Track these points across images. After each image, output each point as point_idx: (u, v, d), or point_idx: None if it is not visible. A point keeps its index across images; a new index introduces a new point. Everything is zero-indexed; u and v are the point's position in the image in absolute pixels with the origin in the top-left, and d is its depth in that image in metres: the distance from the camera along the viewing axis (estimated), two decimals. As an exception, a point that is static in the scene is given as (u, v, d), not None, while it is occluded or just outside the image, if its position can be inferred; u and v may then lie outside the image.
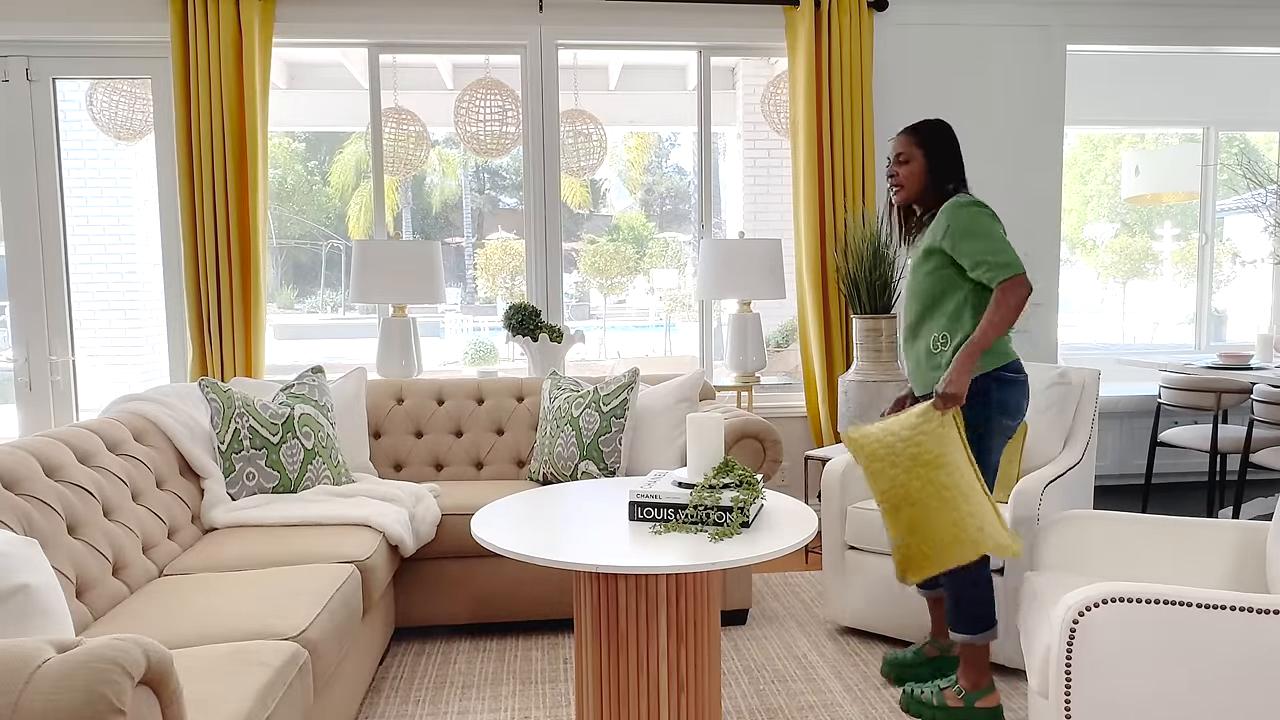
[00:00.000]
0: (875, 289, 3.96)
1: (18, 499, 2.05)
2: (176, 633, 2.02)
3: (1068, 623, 1.79)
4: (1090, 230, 7.82)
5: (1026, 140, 4.56)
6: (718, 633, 2.18)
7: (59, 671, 1.17)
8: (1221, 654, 1.71)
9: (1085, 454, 3.12)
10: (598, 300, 9.35)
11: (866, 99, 4.25)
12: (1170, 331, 7.16)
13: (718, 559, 1.92)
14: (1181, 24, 4.58)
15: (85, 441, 2.49)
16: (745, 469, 2.28)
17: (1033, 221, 4.60)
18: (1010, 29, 4.50)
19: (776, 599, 3.52)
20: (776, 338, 6.81)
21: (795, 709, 2.61)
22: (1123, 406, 5.10)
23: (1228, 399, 4.21)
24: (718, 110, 4.72)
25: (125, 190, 6.34)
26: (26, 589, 1.52)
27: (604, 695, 2.10)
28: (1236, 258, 6.67)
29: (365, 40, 4.20)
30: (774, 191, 7.20)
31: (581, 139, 4.75)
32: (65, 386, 4.19)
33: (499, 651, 3.05)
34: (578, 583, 2.15)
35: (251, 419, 3.10)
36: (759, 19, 4.30)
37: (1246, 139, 6.34)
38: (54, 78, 4.09)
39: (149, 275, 6.34)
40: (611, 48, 4.48)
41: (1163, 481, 5.30)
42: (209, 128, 3.90)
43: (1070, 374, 3.26)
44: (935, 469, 2.23)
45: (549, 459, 3.38)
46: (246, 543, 2.70)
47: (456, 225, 10.24)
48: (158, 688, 1.30)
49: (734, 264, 3.98)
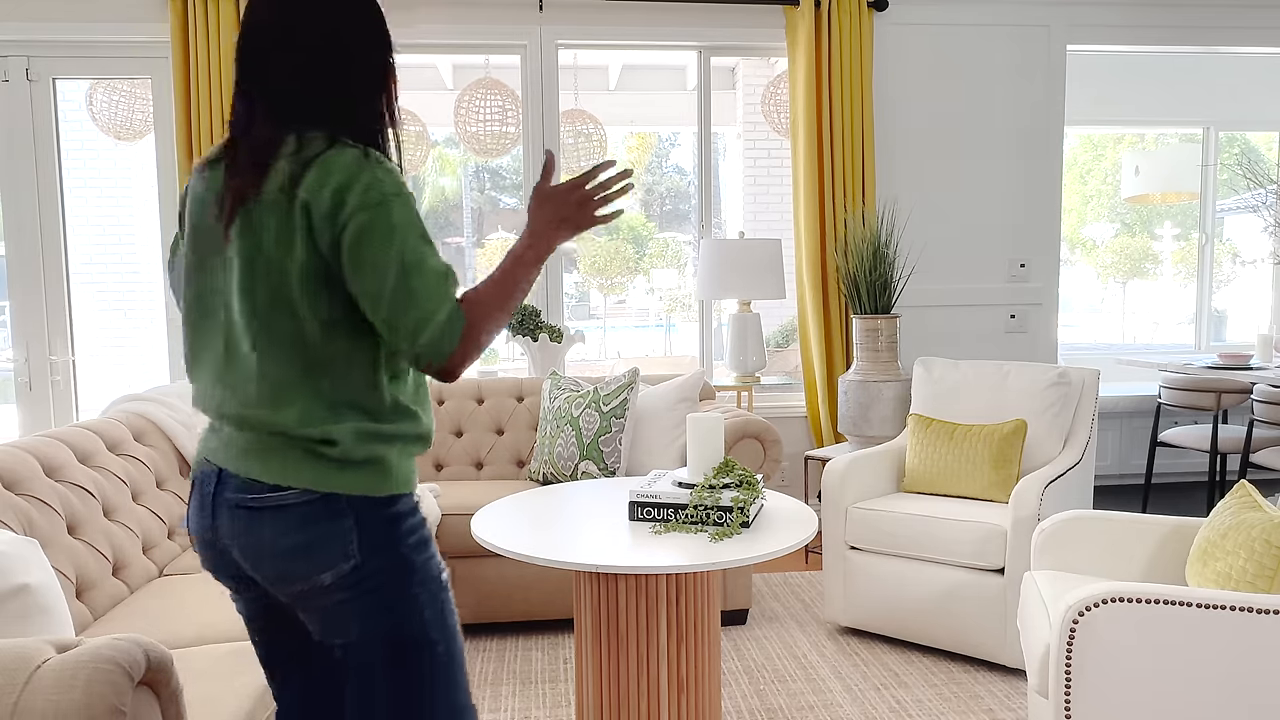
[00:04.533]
0: (875, 289, 3.96)
1: (18, 499, 2.05)
2: (176, 633, 2.02)
3: (1068, 623, 1.79)
4: (1090, 230, 7.82)
5: (1026, 140, 4.56)
6: (718, 633, 2.18)
7: (59, 671, 1.17)
8: (1221, 654, 1.71)
9: (1085, 454, 3.13)
10: (598, 300, 9.34)
11: (866, 99, 4.25)
12: (1170, 331, 7.15)
13: (718, 559, 1.92)
14: (1181, 24, 4.58)
15: (85, 441, 2.49)
16: (745, 469, 2.28)
17: (1033, 221, 4.60)
18: (1010, 29, 4.50)
19: (776, 599, 3.52)
20: (776, 338, 6.81)
21: (795, 709, 2.61)
22: (1123, 406, 5.10)
23: (1228, 399, 4.21)
24: (718, 110, 4.72)
25: (125, 190, 6.34)
26: (26, 589, 1.52)
27: (604, 695, 2.10)
28: (1236, 258, 6.67)
29: (365, 40, 4.19)
30: (774, 191, 7.20)
31: (582, 139, 4.75)
32: (65, 386, 4.19)
33: (499, 651, 3.05)
34: (578, 583, 2.15)
35: (251, 419, 3.10)
36: (759, 19, 4.30)
37: (1246, 139, 6.34)
38: (54, 78, 4.09)
39: (149, 275, 6.34)
40: (611, 48, 4.48)
41: (1163, 481, 5.30)
42: (209, 128, 3.90)
43: (1070, 374, 3.27)
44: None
45: (549, 459, 3.38)
46: (246, 543, 2.69)
47: (456, 225, 10.25)
48: (158, 688, 1.30)
49: (734, 264, 3.98)
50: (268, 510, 1.26)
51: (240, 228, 1.25)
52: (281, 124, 1.28)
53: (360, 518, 1.28)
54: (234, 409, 1.29)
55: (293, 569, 1.27)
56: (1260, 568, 1.84)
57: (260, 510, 1.27)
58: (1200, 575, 1.99)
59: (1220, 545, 1.96)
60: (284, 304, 1.25)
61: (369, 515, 1.29)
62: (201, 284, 1.34)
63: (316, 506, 1.26)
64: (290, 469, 1.26)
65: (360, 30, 1.32)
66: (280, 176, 1.24)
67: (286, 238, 1.23)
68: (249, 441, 1.28)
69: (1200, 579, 1.99)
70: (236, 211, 1.26)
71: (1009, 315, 4.61)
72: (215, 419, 1.33)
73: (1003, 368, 3.34)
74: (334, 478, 1.27)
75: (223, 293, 1.30)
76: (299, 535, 1.26)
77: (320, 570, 1.27)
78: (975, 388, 3.34)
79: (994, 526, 2.79)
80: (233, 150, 1.30)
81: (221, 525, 1.30)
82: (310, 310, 1.25)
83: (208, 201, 1.32)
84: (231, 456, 1.30)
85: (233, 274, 1.27)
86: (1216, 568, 1.94)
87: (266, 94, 1.29)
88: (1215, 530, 2.01)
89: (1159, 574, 2.29)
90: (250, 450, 1.28)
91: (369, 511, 1.29)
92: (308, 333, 1.26)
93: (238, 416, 1.29)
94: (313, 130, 1.28)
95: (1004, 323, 4.62)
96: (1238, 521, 1.95)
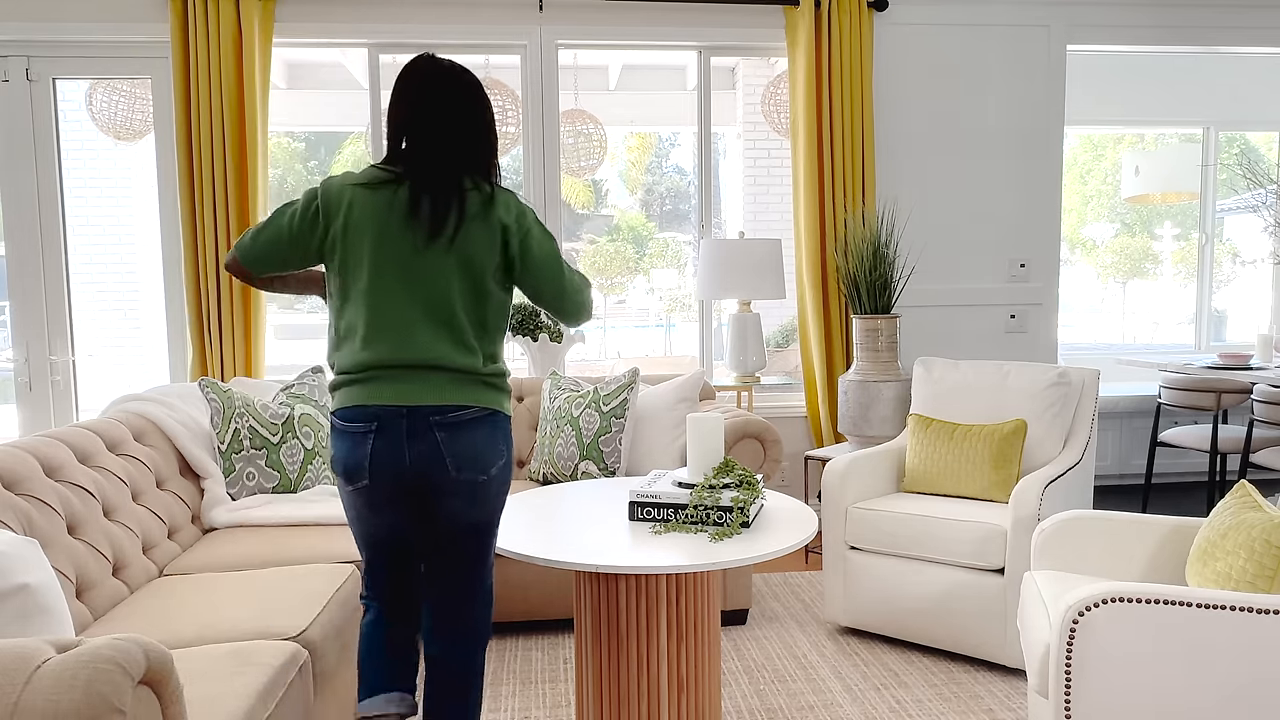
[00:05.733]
0: (875, 289, 3.96)
1: (18, 499, 2.05)
2: (176, 633, 2.02)
3: (1068, 623, 1.79)
4: (1090, 230, 7.82)
5: (1026, 140, 4.56)
6: (718, 633, 2.18)
7: (59, 671, 1.16)
8: (1221, 654, 1.71)
9: (1085, 454, 3.13)
10: (598, 300, 9.35)
11: (866, 99, 4.25)
12: (1170, 331, 7.16)
13: (718, 559, 1.92)
14: (1181, 24, 4.58)
15: (85, 441, 2.49)
16: (745, 469, 2.28)
17: (1033, 221, 4.60)
18: (1010, 29, 4.50)
19: (776, 599, 3.52)
20: (776, 338, 6.81)
21: (795, 709, 2.61)
22: (1123, 406, 5.10)
23: (1228, 399, 4.21)
24: (718, 110, 4.72)
25: (125, 190, 6.34)
26: (26, 589, 1.52)
27: (604, 695, 2.10)
28: (1236, 258, 6.67)
29: (365, 40, 4.20)
30: (774, 191, 7.20)
31: (582, 139, 4.75)
32: (65, 386, 4.19)
33: (499, 651, 3.05)
34: (578, 583, 2.15)
35: (251, 419, 3.10)
36: (759, 19, 4.30)
37: (1246, 139, 6.34)
38: (54, 78, 4.09)
39: (149, 275, 6.34)
40: (611, 48, 4.48)
41: (1163, 481, 5.30)
42: (209, 128, 3.90)
43: (1070, 374, 3.27)
44: None
45: (549, 459, 3.38)
46: (246, 543, 2.70)
47: (456, 225, 10.26)
48: (158, 688, 1.30)
49: (734, 264, 3.98)
50: (466, 422, 1.87)
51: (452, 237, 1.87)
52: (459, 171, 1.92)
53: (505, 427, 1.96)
54: (434, 358, 1.87)
55: (483, 458, 1.89)
56: (1260, 568, 1.84)
57: (459, 425, 1.86)
58: (1200, 575, 1.99)
59: (1220, 545, 1.96)
60: (483, 290, 1.91)
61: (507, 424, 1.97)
62: (398, 271, 1.86)
63: (494, 418, 1.92)
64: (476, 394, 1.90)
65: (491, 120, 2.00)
66: (475, 204, 1.89)
67: (488, 245, 1.89)
68: (447, 379, 1.88)
69: (1200, 579, 1.99)
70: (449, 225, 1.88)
71: (1009, 315, 4.62)
72: (400, 369, 1.86)
73: (1003, 368, 3.34)
74: (499, 399, 1.94)
75: (432, 279, 1.87)
76: (481, 436, 1.88)
77: (491, 464, 1.90)
78: (975, 388, 3.34)
79: (994, 526, 2.79)
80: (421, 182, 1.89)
81: (421, 447, 1.84)
82: (497, 293, 1.94)
83: (394, 209, 1.88)
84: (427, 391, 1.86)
85: (447, 267, 1.87)
86: (1216, 568, 1.94)
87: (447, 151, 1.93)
88: (1215, 530, 2.01)
89: (1159, 574, 2.29)
90: (448, 384, 1.87)
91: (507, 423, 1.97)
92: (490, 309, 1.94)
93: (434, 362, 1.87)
94: (478, 176, 1.95)
95: (1004, 323, 4.62)
96: (1238, 521, 1.95)
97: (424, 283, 1.85)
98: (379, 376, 1.84)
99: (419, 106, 1.89)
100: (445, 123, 1.90)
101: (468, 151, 1.91)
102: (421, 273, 1.85)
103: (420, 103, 1.89)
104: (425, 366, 1.84)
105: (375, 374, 1.84)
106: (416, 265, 1.85)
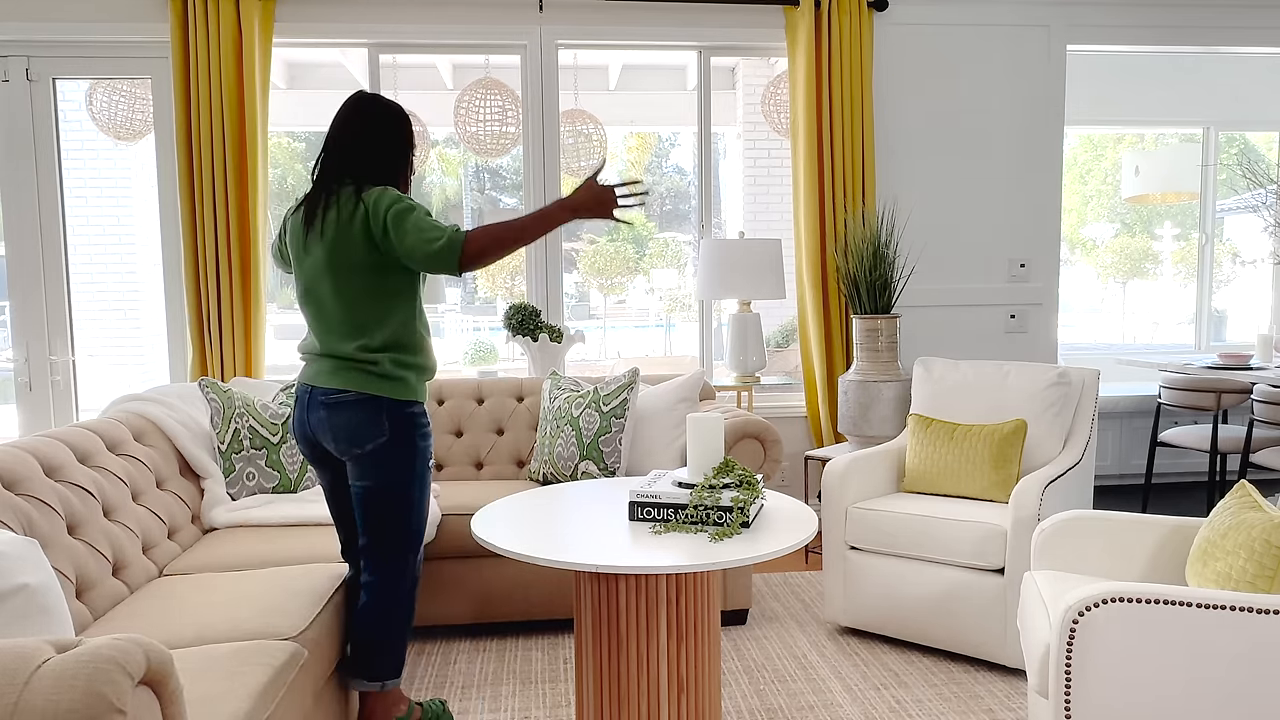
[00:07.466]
0: (875, 289, 3.96)
1: (18, 499, 2.05)
2: (176, 633, 2.02)
3: (1068, 623, 1.79)
4: (1090, 230, 7.82)
5: (1026, 140, 4.56)
6: (718, 633, 2.18)
7: (59, 671, 1.16)
8: (1221, 654, 1.71)
9: (1085, 454, 3.13)
10: (598, 300, 9.35)
11: (866, 99, 4.26)
12: (1170, 331, 7.16)
13: (718, 559, 1.92)
14: (1181, 24, 4.58)
15: (85, 441, 2.49)
16: (745, 469, 2.28)
17: (1033, 221, 4.60)
18: (1010, 29, 4.50)
19: (776, 599, 3.52)
20: (776, 338, 6.81)
21: (795, 709, 2.61)
22: (1123, 406, 5.10)
23: (1228, 399, 4.21)
24: (718, 110, 4.72)
25: (125, 190, 6.34)
26: (26, 589, 1.52)
27: (604, 695, 2.10)
28: (1236, 258, 6.67)
29: (365, 40, 4.20)
30: (774, 191, 7.21)
31: (581, 139, 4.75)
32: (65, 386, 4.19)
33: (499, 651, 3.05)
34: (578, 583, 2.15)
35: (251, 419, 3.10)
36: (759, 19, 4.30)
37: (1246, 139, 6.34)
38: (54, 78, 4.09)
39: (149, 275, 6.34)
40: (611, 48, 4.48)
41: (1163, 481, 5.30)
42: (209, 128, 3.90)
43: (1070, 374, 3.27)
44: None
45: (549, 459, 3.38)
46: (246, 543, 2.69)
47: (456, 224, 10.28)
48: (158, 688, 1.30)
49: (734, 264, 3.98)
50: (339, 405, 2.17)
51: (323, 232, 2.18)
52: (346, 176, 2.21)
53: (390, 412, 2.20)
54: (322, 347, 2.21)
55: (357, 436, 2.18)
56: (1260, 568, 1.84)
57: (335, 405, 2.17)
58: (1200, 575, 1.99)
59: (1220, 545, 1.96)
60: (350, 278, 2.17)
61: (396, 411, 2.20)
62: (299, 273, 2.23)
63: (376, 401, 2.18)
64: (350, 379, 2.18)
65: (404, 142, 2.28)
66: (345, 198, 2.16)
67: (349, 228, 2.14)
68: (328, 365, 2.20)
69: (1200, 579, 1.99)
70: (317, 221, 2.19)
71: (1009, 315, 4.62)
72: (311, 355, 2.24)
73: (1003, 368, 3.34)
74: (376, 384, 2.18)
75: (313, 276, 2.20)
76: (354, 418, 2.17)
77: (367, 441, 2.18)
78: (975, 388, 3.35)
79: (994, 526, 2.79)
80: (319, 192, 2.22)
81: (313, 420, 2.21)
82: (369, 277, 2.17)
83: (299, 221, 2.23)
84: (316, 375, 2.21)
85: (320, 263, 2.17)
86: (1216, 568, 1.94)
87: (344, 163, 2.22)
88: (1215, 530, 2.01)
89: (1159, 574, 2.29)
90: (326, 370, 2.20)
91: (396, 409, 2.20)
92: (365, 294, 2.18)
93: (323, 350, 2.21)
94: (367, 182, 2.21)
95: (1004, 323, 4.62)
96: (1238, 521, 1.95)
97: (310, 281, 2.21)
98: (303, 361, 2.29)
99: (327, 134, 2.24)
100: (335, 139, 2.21)
101: (351, 160, 2.18)
102: (306, 271, 2.21)
103: (329, 130, 2.24)
104: (317, 354, 2.23)
105: (302, 359, 2.30)
106: (304, 265, 2.22)
